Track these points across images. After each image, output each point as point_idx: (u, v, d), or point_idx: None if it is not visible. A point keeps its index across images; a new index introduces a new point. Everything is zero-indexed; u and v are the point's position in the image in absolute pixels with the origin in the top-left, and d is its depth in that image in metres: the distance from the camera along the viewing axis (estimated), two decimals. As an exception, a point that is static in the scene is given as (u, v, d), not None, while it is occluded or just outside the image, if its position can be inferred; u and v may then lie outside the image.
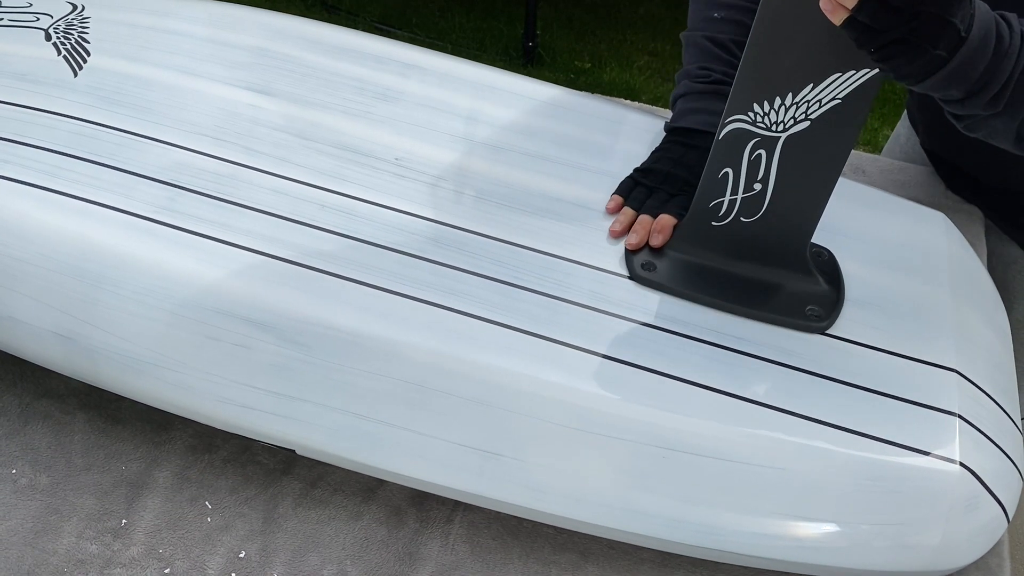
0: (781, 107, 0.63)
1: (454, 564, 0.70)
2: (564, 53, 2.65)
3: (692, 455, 0.64)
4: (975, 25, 0.56)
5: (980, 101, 0.59)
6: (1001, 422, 0.69)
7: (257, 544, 0.70)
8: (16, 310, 0.70)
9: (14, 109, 0.79)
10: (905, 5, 0.53)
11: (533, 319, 0.68)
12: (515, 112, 0.87)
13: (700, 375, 0.66)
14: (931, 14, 0.54)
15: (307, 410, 0.67)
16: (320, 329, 0.66)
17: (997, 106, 0.59)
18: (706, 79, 0.80)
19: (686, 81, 0.82)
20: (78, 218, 0.70)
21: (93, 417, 0.78)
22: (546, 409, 0.65)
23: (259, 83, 0.86)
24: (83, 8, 0.94)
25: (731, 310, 0.71)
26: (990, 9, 0.58)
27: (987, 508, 0.66)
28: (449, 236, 0.73)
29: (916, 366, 0.70)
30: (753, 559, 0.67)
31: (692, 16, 0.85)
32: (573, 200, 0.78)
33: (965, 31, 0.55)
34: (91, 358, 0.70)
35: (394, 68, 0.90)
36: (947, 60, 0.55)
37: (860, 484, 0.64)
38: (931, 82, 0.57)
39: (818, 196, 0.68)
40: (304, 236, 0.71)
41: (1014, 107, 0.59)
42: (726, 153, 0.67)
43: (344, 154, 0.79)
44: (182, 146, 0.77)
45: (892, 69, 0.57)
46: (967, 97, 0.59)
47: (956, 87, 0.58)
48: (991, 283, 0.84)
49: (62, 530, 0.70)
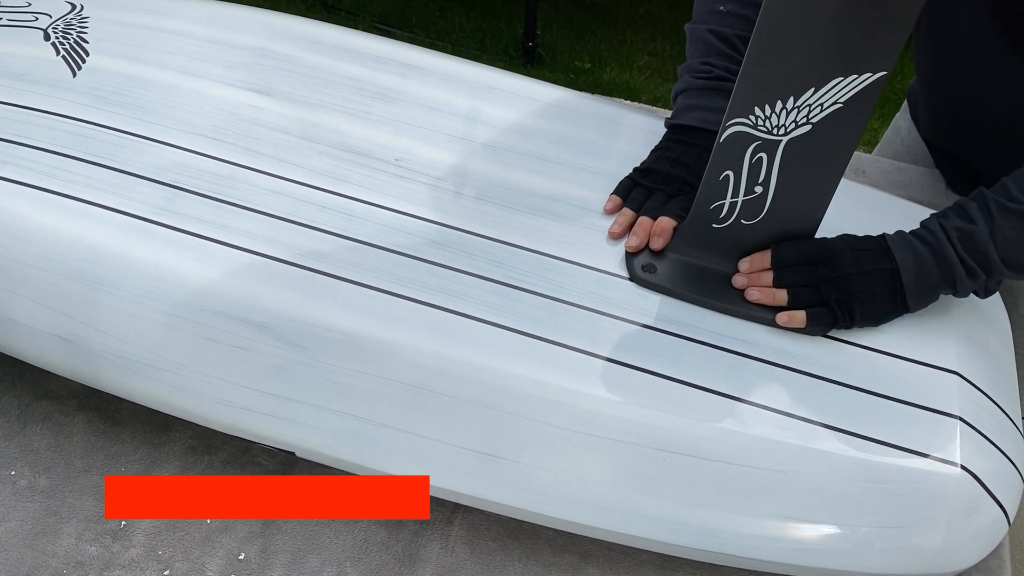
0: (783, 111, 0.62)
1: (454, 566, 0.70)
2: (564, 53, 2.65)
3: (692, 457, 0.64)
4: (896, 253, 0.69)
5: (976, 282, 0.69)
6: (1002, 424, 0.69)
7: (256, 546, 0.70)
8: (15, 312, 0.70)
9: (12, 109, 0.79)
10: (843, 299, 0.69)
11: (533, 321, 0.67)
12: (515, 112, 0.87)
13: (700, 377, 0.66)
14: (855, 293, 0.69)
15: (306, 412, 0.67)
16: (319, 331, 0.66)
17: (992, 273, 0.69)
18: (707, 75, 0.80)
19: (687, 76, 0.81)
20: (77, 219, 0.70)
21: (92, 419, 0.78)
22: (546, 411, 0.64)
23: (258, 83, 0.86)
24: (82, 8, 0.93)
25: (732, 312, 0.70)
26: (905, 233, 0.71)
27: (988, 510, 0.65)
28: (449, 237, 0.73)
29: (917, 368, 0.69)
30: (753, 562, 0.67)
31: (697, 8, 0.84)
32: (573, 200, 0.78)
33: (890, 264, 0.69)
34: (90, 360, 0.70)
35: (394, 68, 0.90)
36: (900, 288, 0.69)
37: (861, 487, 0.64)
38: (912, 301, 0.70)
39: (819, 199, 0.68)
40: (303, 237, 0.71)
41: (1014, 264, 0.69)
42: (727, 156, 0.67)
43: (344, 155, 0.79)
44: (181, 147, 0.77)
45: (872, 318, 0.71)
46: (958, 285, 0.69)
47: (935, 290, 0.70)
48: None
49: (61, 532, 0.70)
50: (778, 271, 0.71)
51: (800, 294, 0.70)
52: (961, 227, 0.68)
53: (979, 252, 0.68)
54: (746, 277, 0.71)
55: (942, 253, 0.68)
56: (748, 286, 0.71)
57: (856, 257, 0.69)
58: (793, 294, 0.70)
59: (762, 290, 0.70)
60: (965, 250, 0.68)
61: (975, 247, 0.68)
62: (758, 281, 0.71)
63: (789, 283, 0.70)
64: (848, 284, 0.69)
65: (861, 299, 0.69)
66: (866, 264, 0.69)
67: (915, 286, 0.69)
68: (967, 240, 0.68)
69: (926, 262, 0.69)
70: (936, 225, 0.70)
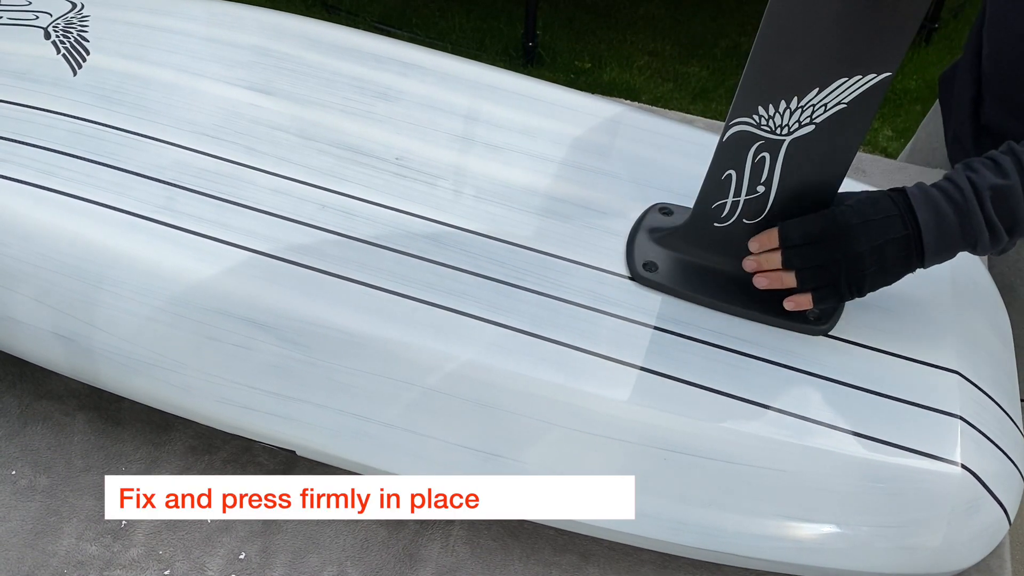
0: (786, 111, 0.62)
1: (454, 565, 0.70)
2: (564, 53, 2.65)
3: (693, 456, 0.64)
4: (919, 213, 0.64)
5: (998, 245, 0.65)
6: (1002, 424, 0.69)
7: (257, 545, 0.70)
8: (16, 310, 0.70)
9: (13, 108, 0.79)
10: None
11: (533, 319, 0.67)
12: (515, 112, 0.87)
13: (701, 376, 0.66)
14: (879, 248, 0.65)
15: (307, 411, 0.67)
16: (320, 329, 0.66)
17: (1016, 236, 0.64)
18: None
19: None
20: (78, 218, 0.70)
21: (93, 418, 0.77)
22: (547, 410, 0.64)
23: (259, 82, 0.86)
24: (82, 7, 0.93)
25: (732, 311, 0.70)
26: (928, 187, 0.66)
27: (988, 510, 0.65)
28: (449, 236, 0.73)
29: (917, 368, 0.69)
30: (754, 561, 0.67)
31: None
32: (573, 200, 0.78)
33: (905, 230, 0.65)
34: (91, 358, 0.70)
35: (394, 68, 0.90)
36: (920, 246, 0.65)
37: (862, 486, 0.64)
38: (929, 260, 0.66)
39: (821, 199, 0.68)
40: (304, 236, 0.71)
41: None
42: (730, 155, 0.67)
43: (344, 154, 0.79)
44: (182, 145, 0.77)
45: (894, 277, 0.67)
46: (978, 247, 0.65)
47: (953, 249, 0.66)
48: (992, 284, 0.84)
49: (62, 531, 0.70)
50: (785, 253, 0.68)
51: (807, 277, 0.67)
52: (996, 184, 0.63)
53: (1010, 213, 0.63)
54: (756, 260, 0.69)
55: (969, 213, 0.63)
56: (757, 270, 0.69)
57: (868, 231, 0.65)
58: (800, 277, 0.67)
59: (769, 276, 0.68)
60: (996, 211, 0.63)
61: (1008, 208, 0.63)
62: (766, 264, 0.68)
63: (796, 266, 0.67)
64: (859, 263, 0.65)
65: (872, 274, 0.66)
66: (878, 236, 0.65)
67: (935, 247, 0.65)
68: (1000, 199, 0.63)
69: (948, 222, 0.64)
70: (964, 180, 0.64)
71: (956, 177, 0.65)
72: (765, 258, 0.69)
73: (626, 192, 0.80)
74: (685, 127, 0.90)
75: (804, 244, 0.67)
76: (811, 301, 0.68)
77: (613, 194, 0.80)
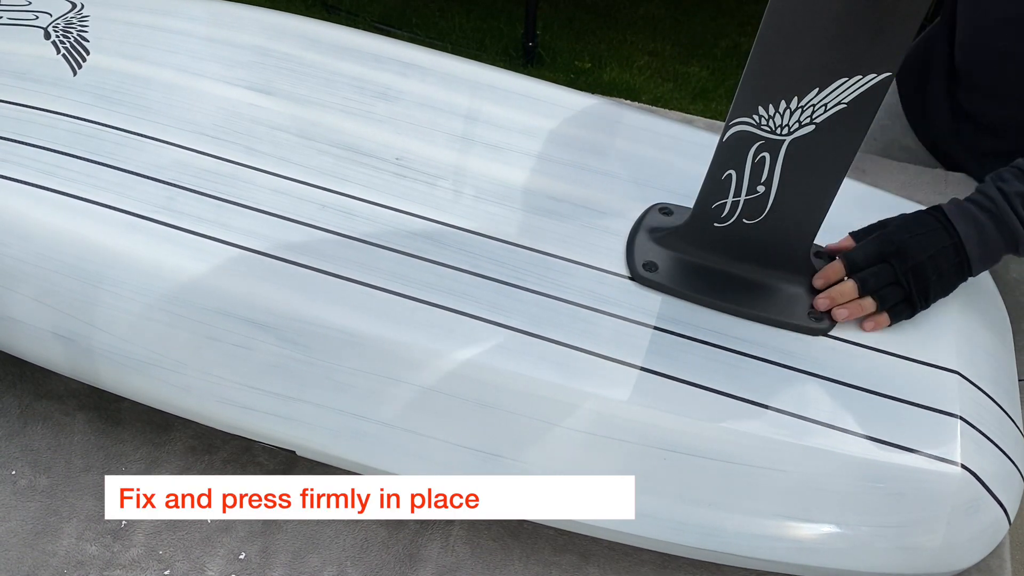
0: (786, 111, 0.62)
1: (454, 565, 0.70)
2: (564, 53, 2.65)
3: (693, 456, 0.64)
4: (958, 225, 0.70)
5: None
6: (1002, 424, 0.69)
7: (257, 545, 0.70)
8: (15, 310, 0.70)
9: (13, 108, 0.79)
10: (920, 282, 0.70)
11: (533, 319, 0.67)
12: (515, 111, 0.87)
13: (701, 376, 0.66)
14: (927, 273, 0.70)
15: (307, 411, 0.67)
16: (320, 329, 0.66)
17: None
18: None
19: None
20: (78, 217, 0.70)
21: (93, 418, 0.77)
22: (547, 410, 0.64)
23: (259, 82, 0.86)
24: (82, 7, 0.93)
25: (732, 311, 0.70)
26: (962, 201, 0.72)
27: (988, 510, 0.66)
28: (449, 236, 0.73)
29: (917, 367, 0.69)
30: (754, 561, 0.67)
31: None
32: (573, 200, 0.78)
33: (951, 239, 0.70)
34: (90, 358, 0.70)
35: (394, 67, 0.90)
36: (966, 255, 0.70)
37: (861, 486, 0.64)
38: (976, 268, 0.71)
39: (821, 200, 0.68)
40: (304, 236, 0.71)
41: None
42: (730, 155, 0.67)
43: (344, 154, 0.79)
44: (182, 145, 0.77)
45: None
46: (1020, 248, 0.71)
47: (997, 254, 0.71)
48: (992, 284, 0.84)
49: (62, 531, 0.70)
50: (859, 278, 0.71)
51: (886, 296, 0.70)
52: (1023, 191, 0.69)
53: None
54: (828, 297, 0.71)
55: (1003, 220, 0.70)
56: (831, 305, 0.71)
57: (921, 243, 0.70)
58: (880, 297, 0.70)
59: (848, 307, 0.70)
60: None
61: None
62: (840, 297, 0.71)
63: (872, 289, 0.70)
64: (923, 271, 0.70)
65: (934, 282, 0.70)
66: (931, 247, 0.70)
67: (979, 255, 0.70)
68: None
69: (987, 230, 0.70)
70: (995, 191, 0.71)
71: (987, 189, 0.72)
72: (837, 291, 0.71)
73: (626, 192, 0.80)
74: (685, 127, 0.90)
75: (869, 265, 0.71)
76: (888, 319, 0.70)
77: (613, 194, 0.80)
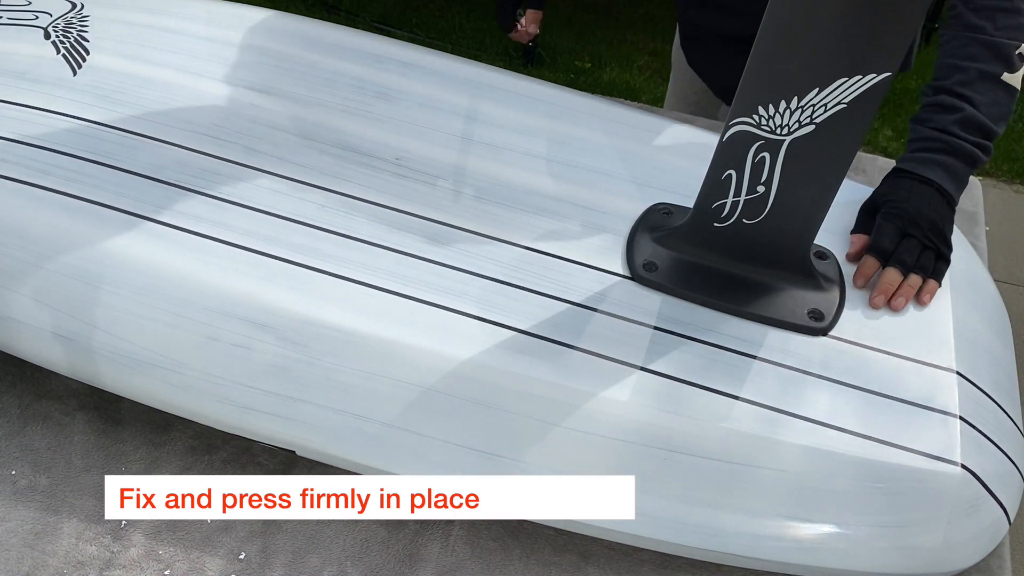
0: (786, 111, 0.62)
1: (454, 565, 0.70)
2: (564, 53, 2.65)
3: (693, 456, 0.64)
4: (928, 174, 0.76)
5: (988, 154, 0.77)
6: (1002, 424, 0.69)
7: (257, 545, 0.70)
8: (15, 310, 0.70)
9: (13, 108, 0.79)
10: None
11: (534, 319, 0.67)
12: (515, 112, 0.87)
13: (701, 376, 0.66)
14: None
15: (307, 411, 0.67)
16: (319, 329, 0.66)
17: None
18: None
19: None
20: (77, 217, 0.70)
21: (93, 418, 0.77)
22: (547, 410, 0.64)
23: (259, 82, 0.86)
24: (82, 7, 0.93)
25: (732, 311, 0.70)
26: (912, 154, 0.78)
27: (988, 510, 0.66)
28: (449, 236, 0.73)
29: (917, 367, 0.69)
30: (754, 561, 0.67)
31: None
32: (573, 200, 0.78)
33: (934, 184, 0.76)
34: (90, 358, 0.70)
35: (394, 67, 0.90)
36: (948, 192, 0.76)
37: (861, 486, 0.64)
38: (957, 197, 0.77)
39: (821, 200, 0.68)
40: (304, 235, 0.71)
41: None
42: (730, 155, 0.67)
43: (344, 153, 0.79)
44: (181, 145, 0.77)
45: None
46: (977, 164, 0.77)
47: (965, 178, 0.77)
48: (992, 284, 0.84)
49: (61, 531, 0.70)
50: (895, 260, 0.73)
51: (924, 264, 0.73)
52: (957, 118, 0.76)
53: (979, 128, 0.76)
54: (881, 292, 0.72)
55: (957, 149, 0.76)
56: (886, 300, 0.72)
57: (915, 202, 0.75)
58: (920, 268, 0.73)
59: (903, 293, 0.72)
60: (969, 134, 0.76)
61: (975, 127, 0.76)
62: (889, 286, 0.72)
63: (911, 265, 0.73)
64: (936, 225, 0.74)
65: (947, 227, 0.75)
66: (927, 201, 0.75)
67: (954, 187, 0.76)
68: (966, 126, 0.76)
69: (949, 164, 0.76)
70: (930, 131, 0.77)
71: (923, 133, 0.78)
72: (885, 282, 0.73)
73: (626, 192, 0.80)
74: (685, 127, 0.90)
75: (896, 244, 0.74)
76: (936, 284, 0.74)
77: (613, 194, 0.80)
